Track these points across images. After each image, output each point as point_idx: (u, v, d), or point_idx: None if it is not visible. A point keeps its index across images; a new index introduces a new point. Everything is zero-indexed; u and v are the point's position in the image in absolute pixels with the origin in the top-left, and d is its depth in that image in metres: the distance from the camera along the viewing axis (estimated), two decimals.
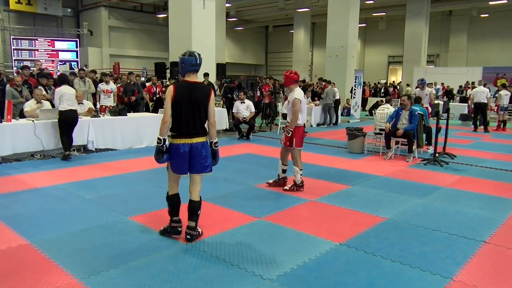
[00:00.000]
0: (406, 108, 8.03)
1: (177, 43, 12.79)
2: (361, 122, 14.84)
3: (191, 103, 3.67)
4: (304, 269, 3.32)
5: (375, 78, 27.49)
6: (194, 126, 3.71)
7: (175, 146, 3.70)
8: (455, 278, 3.21)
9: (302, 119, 5.65)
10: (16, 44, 22.57)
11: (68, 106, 7.25)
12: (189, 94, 3.67)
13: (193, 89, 3.70)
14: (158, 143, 3.71)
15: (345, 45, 16.59)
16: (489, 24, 25.86)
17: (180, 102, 3.65)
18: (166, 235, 3.91)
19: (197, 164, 3.76)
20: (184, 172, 3.79)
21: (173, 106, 3.65)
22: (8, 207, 4.72)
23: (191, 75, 3.78)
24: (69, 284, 3.02)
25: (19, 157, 7.29)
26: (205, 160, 3.78)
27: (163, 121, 3.67)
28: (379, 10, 25.79)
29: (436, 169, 7.24)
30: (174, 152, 3.71)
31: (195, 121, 3.71)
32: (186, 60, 3.76)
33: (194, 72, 3.79)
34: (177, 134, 3.71)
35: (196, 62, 3.77)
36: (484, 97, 12.65)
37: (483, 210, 4.97)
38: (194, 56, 3.77)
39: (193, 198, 3.89)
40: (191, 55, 3.77)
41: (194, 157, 3.72)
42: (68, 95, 7.33)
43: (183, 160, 3.71)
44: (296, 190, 5.66)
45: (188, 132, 3.70)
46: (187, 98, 3.66)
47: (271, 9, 26.23)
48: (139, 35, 27.66)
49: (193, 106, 3.68)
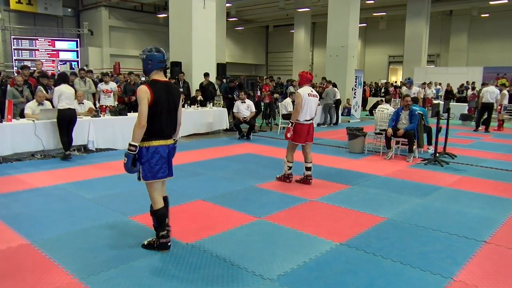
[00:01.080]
0: (406, 108, 8.03)
1: (177, 43, 12.79)
2: (361, 122, 14.83)
3: (169, 104, 3.48)
4: (305, 269, 3.32)
5: (375, 78, 27.48)
6: (172, 127, 3.58)
7: (154, 149, 3.45)
8: (455, 278, 3.21)
9: (303, 117, 5.78)
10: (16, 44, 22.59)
11: (67, 105, 7.24)
12: (166, 94, 3.47)
13: (169, 89, 3.52)
14: (132, 151, 3.35)
15: (346, 45, 16.58)
16: (489, 24, 25.84)
17: (159, 103, 3.41)
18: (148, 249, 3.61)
19: (172, 167, 3.62)
20: (170, 174, 3.61)
21: (152, 108, 3.37)
22: (8, 207, 4.73)
23: (159, 73, 3.53)
24: (70, 284, 3.02)
25: (19, 157, 7.30)
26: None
27: (141, 126, 3.32)
28: (379, 10, 25.77)
29: (436, 169, 7.24)
30: (155, 155, 3.45)
31: (173, 122, 3.57)
32: (155, 56, 3.48)
33: (161, 70, 3.55)
34: (156, 136, 3.46)
35: (164, 58, 3.54)
36: (493, 97, 12.64)
37: (484, 210, 4.97)
38: (162, 52, 3.54)
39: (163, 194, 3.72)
40: (159, 51, 3.52)
41: (171, 160, 3.61)
42: (67, 94, 7.32)
43: (165, 163, 3.52)
44: (283, 180, 6.13)
45: (166, 134, 3.53)
46: (165, 99, 3.45)
47: (272, 9, 26.23)
48: (139, 35, 27.65)
49: (171, 107, 3.50)
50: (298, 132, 5.82)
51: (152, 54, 3.48)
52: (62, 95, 7.24)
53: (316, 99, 5.99)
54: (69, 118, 7.35)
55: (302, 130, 5.83)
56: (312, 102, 5.88)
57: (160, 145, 3.47)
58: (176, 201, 5.05)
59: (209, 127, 11.19)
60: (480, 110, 13.10)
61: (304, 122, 5.84)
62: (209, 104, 11.52)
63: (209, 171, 6.73)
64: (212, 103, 11.71)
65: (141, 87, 3.41)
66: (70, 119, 7.36)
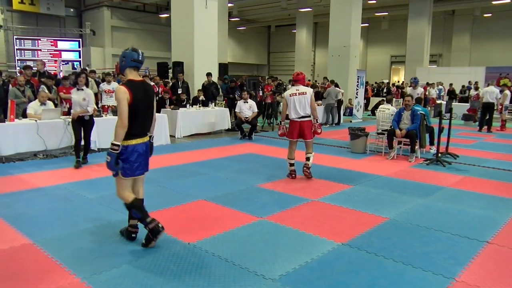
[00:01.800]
0: (408, 108, 8.01)
1: (179, 43, 12.81)
2: (363, 122, 14.81)
3: (145, 103, 3.59)
4: (306, 269, 3.32)
5: (377, 78, 27.41)
6: (148, 125, 3.73)
7: (132, 147, 3.55)
8: (457, 279, 3.21)
9: (291, 115, 6.20)
10: (19, 44, 22.67)
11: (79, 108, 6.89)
12: (143, 94, 3.56)
13: (145, 88, 3.62)
14: (115, 150, 3.48)
15: (348, 45, 16.56)
16: (492, 24, 25.76)
17: (138, 103, 3.50)
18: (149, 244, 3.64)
19: (148, 163, 3.77)
20: (146, 169, 3.75)
21: (131, 108, 3.46)
22: (11, 207, 4.74)
23: (133, 71, 3.59)
24: (72, 283, 3.02)
25: (22, 157, 7.32)
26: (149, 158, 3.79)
27: (123, 126, 3.44)
28: (381, 10, 25.73)
29: (438, 169, 7.22)
30: (133, 154, 3.56)
31: (149, 120, 3.72)
32: (128, 54, 3.55)
33: (135, 69, 3.61)
34: (135, 135, 3.57)
35: (138, 58, 3.57)
36: (493, 97, 12.61)
37: (486, 210, 4.96)
38: (137, 51, 3.58)
39: (140, 197, 3.78)
40: (134, 50, 3.58)
41: (147, 156, 3.74)
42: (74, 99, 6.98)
43: (143, 160, 3.66)
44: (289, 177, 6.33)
45: (144, 132, 3.67)
46: (142, 99, 3.54)
47: (274, 9, 26.23)
48: (141, 35, 27.69)
49: (148, 106, 3.63)
50: (291, 128, 6.26)
51: (126, 52, 3.59)
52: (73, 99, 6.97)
53: (303, 97, 6.16)
54: (83, 120, 6.97)
55: (294, 126, 6.21)
56: (297, 101, 6.14)
57: (138, 143, 3.61)
58: (177, 201, 5.06)
59: (211, 127, 11.20)
60: (482, 111, 13.08)
61: (294, 119, 6.19)
62: (211, 104, 11.53)
63: (211, 171, 6.73)
64: (214, 103, 11.72)
65: (119, 88, 3.50)
66: (84, 122, 6.98)
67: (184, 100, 11.19)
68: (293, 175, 6.32)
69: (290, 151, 6.35)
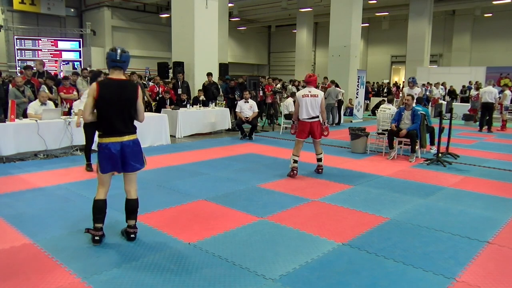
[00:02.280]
0: (408, 108, 8.01)
1: (180, 43, 12.81)
2: (364, 122, 14.81)
3: (121, 102, 3.59)
4: (307, 269, 3.32)
5: (378, 78, 27.42)
6: (125, 125, 3.65)
7: (104, 145, 3.62)
8: (458, 279, 3.21)
9: (301, 116, 6.38)
10: (19, 44, 22.68)
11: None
12: (117, 92, 3.58)
13: (121, 87, 3.61)
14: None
15: (348, 45, 16.55)
16: (492, 24, 25.74)
17: (105, 100, 3.55)
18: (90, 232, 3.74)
19: (131, 163, 3.69)
20: (109, 170, 3.69)
21: (97, 105, 3.57)
22: (11, 207, 4.74)
23: (115, 71, 3.64)
24: (72, 283, 3.03)
25: (22, 157, 7.32)
26: (136, 157, 3.72)
27: (84, 119, 3.69)
28: (382, 10, 25.71)
29: (439, 169, 7.22)
30: (104, 151, 3.62)
31: (125, 119, 3.65)
32: (109, 55, 3.62)
33: (117, 69, 3.64)
34: (106, 133, 3.62)
35: (116, 57, 3.59)
36: (492, 97, 12.61)
37: (487, 210, 4.96)
38: (116, 52, 3.60)
39: (131, 196, 3.83)
40: (113, 50, 3.61)
41: (127, 156, 3.65)
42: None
43: (112, 159, 3.63)
44: (290, 175, 6.41)
45: (118, 131, 3.63)
46: (115, 97, 3.57)
47: (274, 9, 26.22)
48: (142, 35, 27.71)
49: (123, 105, 3.60)
50: (301, 129, 6.46)
51: (108, 52, 3.65)
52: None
53: (314, 99, 6.39)
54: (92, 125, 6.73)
55: (304, 127, 6.41)
56: (308, 102, 6.34)
57: (110, 142, 3.62)
58: (178, 201, 5.06)
59: (211, 127, 11.20)
60: (481, 111, 13.08)
61: (305, 120, 6.38)
62: (212, 104, 11.53)
63: (212, 171, 6.73)
64: (215, 103, 11.72)
65: (92, 85, 3.66)
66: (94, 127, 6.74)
67: (184, 100, 11.19)
68: (295, 171, 6.43)
69: (297, 149, 6.46)
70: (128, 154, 3.66)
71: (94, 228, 3.74)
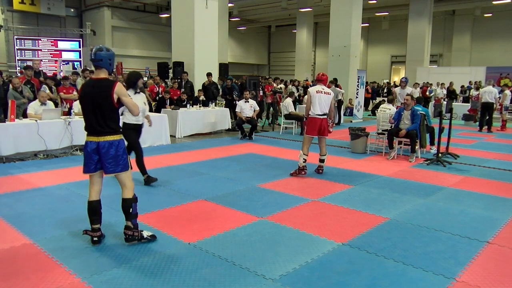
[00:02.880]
0: (408, 108, 8.01)
1: (179, 43, 12.81)
2: (363, 122, 14.81)
3: (92, 101, 3.54)
4: (307, 269, 3.32)
5: (378, 78, 27.41)
6: (99, 124, 3.56)
7: (85, 144, 3.64)
8: (458, 279, 3.21)
9: (313, 111, 6.37)
10: (19, 44, 22.68)
11: (134, 119, 5.49)
12: (90, 91, 3.57)
13: (95, 86, 3.59)
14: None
15: (348, 45, 16.56)
16: (492, 24, 25.75)
17: (83, 100, 3.60)
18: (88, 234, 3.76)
19: (107, 165, 3.60)
20: (91, 171, 3.64)
21: (80, 104, 3.67)
22: (11, 207, 4.74)
23: (95, 71, 3.64)
24: (72, 283, 3.03)
25: (22, 157, 7.32)
26: (113, 160, 3.59)
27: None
28: (382, 10, 25.72)
29: (439, 169, 7.22)
30: (84, 150, 3.65)
31: (99, 119, 3.55)
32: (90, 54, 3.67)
33: (97, 68, 3.60)
34: (87, 132, 3.64)
35: (91, 57, 3.57)
36: (492, 97, 12.61)
37: (486, 210, 4.96)
38: (91, 50, 3.59)
39: (123, 196, 3.74)
40: (91, 50, 3.63)
41: (103, 157, 3.58)
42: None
43: (90, 159, 3.59)
44: (298, 174, 6.42)
45: (95, 130, 3.58)
46: (88, 96, 3.56)
47: (274, 9, 26.23)
48: (142, 35, 27.71)
49: (94, 104, 3.53)
50: (311, 125, 6.41)
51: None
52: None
53: (327, 96, 6.47)
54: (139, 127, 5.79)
55: (315, 123, 6.39)
56: (322, 99, 6.38)
57: (88, 141, 3.62)
58: (178, 201, 5.07)
59: (211, 127, 11.20)
60: (481, 111, 13.07)
61: (316, 116, 6.37)
62: (212, 104, 11.53)
63: (212, 171, 6.73)
64: (215, 103, 11.72)
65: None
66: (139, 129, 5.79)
67: (184, 100, 11.20)
68: (305, 170, 6.47)
69: (306, 147, 6.49)
70: (103, 155, 3.57)
71: (91, 229, 3.73)
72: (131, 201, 3.72)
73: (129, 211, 3.71)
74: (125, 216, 3.74)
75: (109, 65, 3.62)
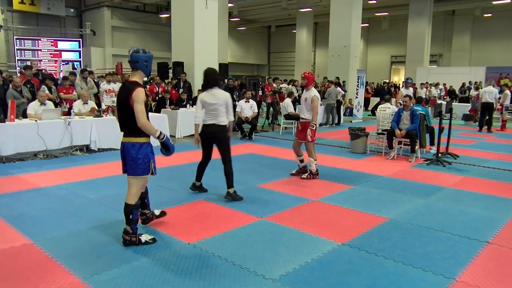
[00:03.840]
0: (407, 108, 8.01)
1: (179, 43, 12.81)
2: (363, 122, 14.81)
3: (119, 102, 3.68)
4: (307, 269, 3.32)
5: (378, 78, 27.44)
6: (122, 125, 3.70)
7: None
8: (458, 279, 3.21)
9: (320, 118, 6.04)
10: (19, 44, 22.67)
11: (210, 119, 5.09)
12: (120, 93, 3.70)
13: (123, 88, 3.71)
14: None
15: (348, 45, 16.57)
16: (492, 24, 25.76)
17: (116, 100, 3.79)
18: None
19: (127, 165, 3.69)
20: (123, 171, 3.78)
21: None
22: (11, 207, 4.74)
23: (131, 72, 3.78)
24: (72, 283, 3.03)
25: (22, 157, 7.32)
26: (133, 162, 3.62)
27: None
28: (381, 10, 25.73)
29: (439, 169, 7.22)
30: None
31: (122, 120, 3.69)
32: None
33: (132, 70, 3.72)
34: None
35: (128, 58, 3.69)
36: (492, 97, 12.62)
37: (486, 210, 4.96)
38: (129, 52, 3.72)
39: (125, 200, 3.72)
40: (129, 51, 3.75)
41: (125, 157, 3.69)
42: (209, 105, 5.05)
43: (121, 159, 3.75)
44: (313, 178, 6.29)
45: (122, 131, 3.72)
46: (118, 97, 3.72)
47: (274, 9, 26.23)
48: (141, 35, 27.70)
49: (121, 106, 3.65)
50: (315, 132, 6.26)
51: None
52: (204, 105, 5.07)
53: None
54: (212, 137, 5.25)
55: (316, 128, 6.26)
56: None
57: (121, 142, 3.74)
58: (178, 201, 5.07)
59: None
60: (481, 111, 13.07)
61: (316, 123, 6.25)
62: None
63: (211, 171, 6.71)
64: None
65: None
66: (213, 139, 5.27)
67: (184, 100, 11.19)
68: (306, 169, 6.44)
69: (299, 150, 6.44)
70: (126, 156, 3.68)
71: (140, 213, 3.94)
72: (132, 208, 3.68)
73: (129, 217, 3.68)
74: (125, 220, 3.71)
75: (145, 67, 3.66)
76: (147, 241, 3.74)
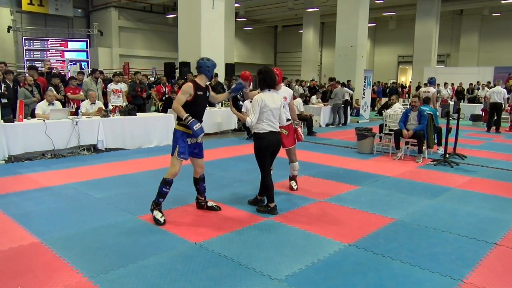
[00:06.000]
0: (415, 109, 7.96)
1: (186, 43, 12.86)
2: (370, 122, 14.75)
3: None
4: (313, 270, 3.31)
5: (385, 78, 27.31)
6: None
7: None
8: (465, 280, 3.18)
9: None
10: (28, 44, 22.89)
11: (270, 126, 4.50)
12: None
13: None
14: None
15: (355, 45, 16.51)
16: (501, 23, 25.52)
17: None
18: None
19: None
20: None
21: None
22: (19, 206, 4.78)
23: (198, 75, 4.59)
24: (79, 282, 3.05)
25: (30, 156, 7.38)
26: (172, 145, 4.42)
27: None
28: (389, 10, 25.62)
29: (446, 170, 7.17)
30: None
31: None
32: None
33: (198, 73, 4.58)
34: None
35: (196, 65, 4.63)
36: (500, 98, 12.51)
37: (494, 211, 4.92)
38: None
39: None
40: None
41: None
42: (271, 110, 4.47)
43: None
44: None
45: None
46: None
47: (280, 9, 26.23)
48: (148, 35, 27.83)
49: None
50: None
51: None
52: (264, 109, 4.43)
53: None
54: (274, 147, 4.64)
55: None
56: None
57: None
58: (184, 201, 5.08)
59: (217, 127, 11.22)
60: (489, 111, 12.96)
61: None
62: (218, 104, 11.53)
63: (218, 171, 6.74)
64: (221, 103, 11.72)
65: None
66: (274, 148, 4.66)
67: None
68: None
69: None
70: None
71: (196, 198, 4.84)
72: (162, 181, 4.28)
73: (159, 188, 4.28)
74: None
75: (207, 72, 4.44)
76: (158, 219, 4.23)
